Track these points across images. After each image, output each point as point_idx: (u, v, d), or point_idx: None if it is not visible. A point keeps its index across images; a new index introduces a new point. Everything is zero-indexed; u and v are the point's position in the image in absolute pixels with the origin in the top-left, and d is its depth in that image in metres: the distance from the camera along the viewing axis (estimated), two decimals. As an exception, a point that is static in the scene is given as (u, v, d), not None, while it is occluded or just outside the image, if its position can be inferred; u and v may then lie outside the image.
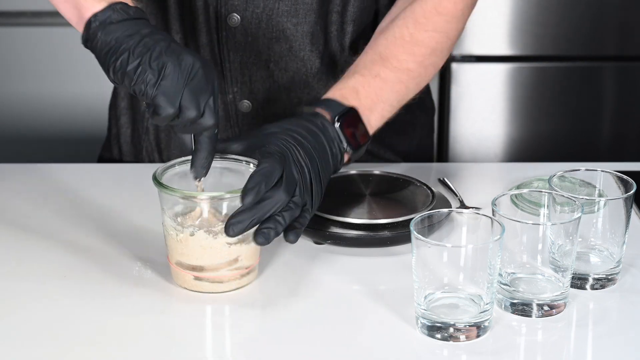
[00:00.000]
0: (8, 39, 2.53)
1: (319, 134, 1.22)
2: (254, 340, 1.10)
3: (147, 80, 1.10)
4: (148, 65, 1.10)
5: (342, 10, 1.46)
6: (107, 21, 1.12)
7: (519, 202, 1.26)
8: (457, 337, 1.08)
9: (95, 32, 1.13)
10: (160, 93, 1.10)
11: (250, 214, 1.11)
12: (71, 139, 2.57)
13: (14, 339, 1.09)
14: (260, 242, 1.11)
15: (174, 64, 1.11)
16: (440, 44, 1.35)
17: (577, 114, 2.45)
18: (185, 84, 1.11)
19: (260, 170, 1.12)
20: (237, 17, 1.43)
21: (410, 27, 1.34)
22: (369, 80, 1.30)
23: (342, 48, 1.48)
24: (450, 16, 1.34)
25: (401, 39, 1.33)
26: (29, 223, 1.33)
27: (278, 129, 1.21)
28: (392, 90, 1.32)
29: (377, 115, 1.30)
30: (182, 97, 1.11)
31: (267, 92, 1.48)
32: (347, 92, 1.29)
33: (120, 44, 1.11)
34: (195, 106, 1.11)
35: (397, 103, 1.33)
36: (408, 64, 1.33)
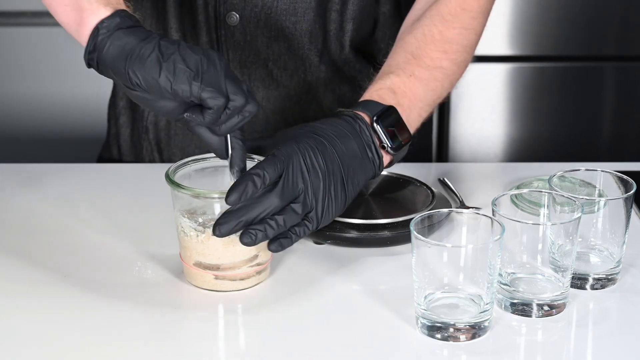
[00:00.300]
0: (8, 39, 2.53)
1: (350, 139, 1.20)
2: (253, 340, 1.10)
3: (188, 76, 1.08)
4: (183, 62, 1.08)
5: (341, 9, 1.46)
6: (116, 27, 1.10)
7: (519, 202, 1.26)
8: (457, 337, 1.08)
9: (105, 40, 1.10)
10: (206, 86, 1.08)
11: (237, 216, 1.10)
12: (71, 139, 2.57)
13: (14, 339, 1.09)
14: (245, 243, 1.11)
15: (205, 58, 1.09)
16: (469, 40, 1.35)
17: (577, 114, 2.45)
18: (224, 74, 1.10)
19: (251, 171, 1.11)
20: (236, 16, 1.43)
21: (439, 25, 1.33)
22: (404, 80, 1.29)
23: (342, 47, 1.48)
24: (476, 12, 1.34)
25: (431, 37, 1.33)
26: (29, 223, 1.33)
27: (305, 131, 1.19)
28: (428, 89, 1.31)
29: (416, 115, 1.29)
30: (227, 86, 1.09)
31: (266, 90, 1.48)
32: (384, 92, 1.27)
33: (139, 49, 1.09)
34: (241, 93, 1.10)
35: (433, 102, 1.33)
36: (441, 62, 1.32)
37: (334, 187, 1.17)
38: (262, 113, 1.49)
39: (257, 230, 1.11)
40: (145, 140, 1.56)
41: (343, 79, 1.50)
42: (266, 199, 1.11)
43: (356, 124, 1.22)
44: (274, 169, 1.12)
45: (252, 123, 1.48)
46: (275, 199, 1.12)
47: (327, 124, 1.21)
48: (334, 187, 1.17)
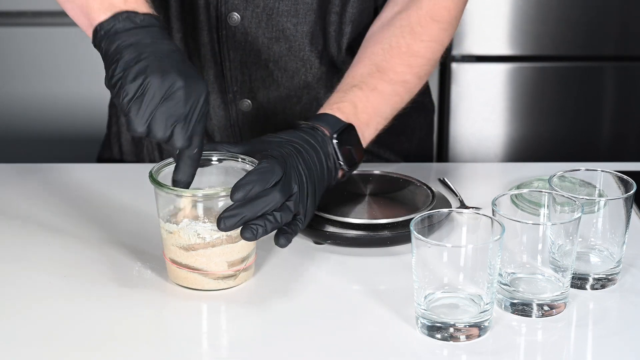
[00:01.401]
0: (8, 39, 2.53)
1: (317, 148, 1.23)
2: (253, 340, 1.10)
3: (124, 95, 1.11)
4: (130, 79, 1.11)
5: (341, 11, 1.46)
6: (112, 31, 1.14)
7: (519, 202, 1.26)
8: (457, 337, 1.08)
9: (100, 42, 1.15)
10: (132, 109, 1.11)
11: (242, 210, 1.11)
12: (71, 139, 2.57)
13: (14, 338, 1.09)
14: (247, 238, 1.12)
15: (155, 81, 1.11)
16: (435, 53, 1.36)
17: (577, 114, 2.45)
18: (158, 104, 1.11)
19: (258, 169, 1.13)
20: (237, 16, 1.43)
21: (407, 37, 1.34)
22: (367, 94, 1.31)
23: (340, 49, 1.48)
24: (446, 23, 1.35)
25: (397, 49, 1.34)
26: (29, 223, 1.33)
27: (277, 138, 1.22)
28: (388, 104, 1.34)
29: (372, 130, 1.32)
30: (152, 117, 1.11)
31: (266, 91, 1.48)
32: (345, 106, 1.30)
33: (115, 54, 1.13)
34: (162, 128, 1.12)
35: (391, 115, 1.36)
36: (405, 76, 1.34)
37: (312, 191, 1.19)
38: (263, 114, 1.49)
39: (257, 225, 1.12)
40: (146, 140, 1.56)
41: None
42: (269, 194, 1.13)
43: (318, 135, 1.25)
44: (280, 169, 1.14)
45: (253, 125, 1.49)
46: (278, 195, 1.13)
47: (295, 134, 1.24)
48: (312, 190, 1.19)
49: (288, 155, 1.18)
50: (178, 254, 1.16)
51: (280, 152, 1.18)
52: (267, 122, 1.49)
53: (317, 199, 1.21)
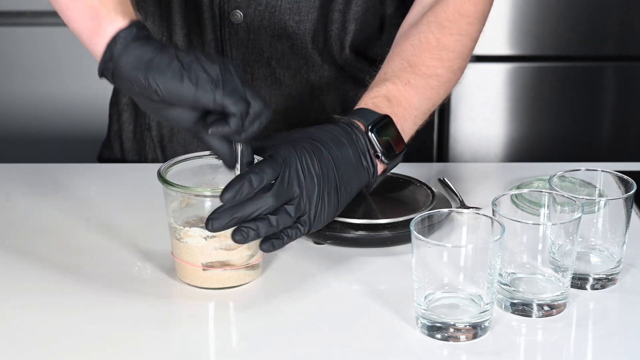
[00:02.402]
0: (8, 39, 2.53)
1: (347, 146, 1.21)
2: (254, 340, 1.10)
3: (211, 85, 1.08)
4: (203, 71, 1.09)
5: (345, 9, 1.46)
6: (134, 38, 1.11)
7: (519, 202, 1.26)
8: (457, 337, 1.08)
9: (122, 50, 1.10)
10: (228, 93, 1.09)
11: (230, 212, 1.10)
12: (71, 139, 2.57)
13: (13, 339, 1.09)
14: (237, 240, 1.11)
15: (223, 66, 1.10)
16: (466, 47, 1.35)
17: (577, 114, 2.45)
18: (241, 82, 1.10)
19: (249, 172, 1.12)
20: (240, 14, 1.43)
21: (436, 31, 1.33)
22: (400, 88, 1.29)
23: (342, 47, 1.48)
24: (473, 17, 1.35)
25: (427, 44, 1.33)
26: (29, 223, 1.33)
27: (302, 135, 1.20)
28: (423, 97, 1.31)
29: (410, 123, 1.30)
30: (246, 93, 1.10)
31: (269, 89, 1.48)
32: (379, 100, 1.27)
33: (158, 59, 1.09)
34: (259, 98, 1.11)
35: (428, 109, 1.33)
36: (437, 70, 1.33)
37: (327, 193, 1.17)
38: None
39: (249, 228, 1.11)
40: (148, 137, 1.56)
41: (346, 79, 1.50)
42: (261, 198, 1.12)
43: (352, 132, 1.22)
44: (272, 171, 1.12)
45: None
46: (270, 199, 1.12)
47: (324, 130, 1.22)
48: (327, 192, 1.17)
49: (297, 156, 1.15)
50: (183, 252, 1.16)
51: (288, 151, 1.16)
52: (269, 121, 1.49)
53: (342, 202, 1.19)
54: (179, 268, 1.19)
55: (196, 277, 1.17)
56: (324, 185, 1.16)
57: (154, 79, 1.09)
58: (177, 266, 1.19)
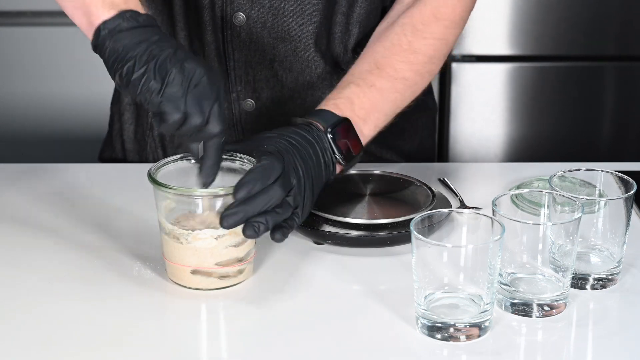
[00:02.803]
0: (8, 39, 2.53)
1: (313, 143, 1.23)
2: (254, 340, 1.10)
3: (152, 88, 1.11)
4: (152, 73, 1.11)
5: (348, 12, 1.46)
6: (117, 29, 1.13)
7: (519, 202, 1.26)
8: (457, 337, 1.08)
9: (104, 40, 1.14)
10: (165, 100, 1.11)
11: (244, 208, 1.11)
12: (71, 139, 2.57)
13: (13, 340, 1.09)
14: (249, 235, 1.11)
15: (178, 71, 1.12)
16: (438, 51, 1.35)
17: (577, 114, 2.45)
18: (189, 90, 1.12)
19: (259, 167, 1.13)
20: (243, 16, 1.43)
21: (409, 34, 1.34)
22: (364, 90, 1.31)
23: (346, 50, 1.48)
24: (449, 21, 1.35)
25: (399, 46, 1.34)
26: (29, 223, 1.33)
27: (274, 134, 1.22)
28: (387, 100, 1.33)
29: (371, 126, 1.31)
30: (187, 103, 1.11)
31: (270, 91, 1.48)
32: (341, 102, 1.29)
33: (127, 52, 1.12)
34: (199, 112, 1.12)
35: (392, 112, 1.34)
36: (404, 73, 1.34)
37: (309, 186, 1.19)
38: (266, 114, 1.49)
39: (259, 222, 1.12)
40: (149, 137, 1.56)
41: None
42: (271, 191, 1.13)
43: (313, 131, 1.24)
44: (280, 165, 1.14)
45: (256, 125, 1.49)
46: (280, 190, 1.13)
47: (290, 130, 1.23)
48: (309, 185, 1.19)
49: (285, 150, 1.18)
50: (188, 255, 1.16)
51: (277, 147, 1.18)
52: (270, 122, 1.49)
53: (315, 195, 1.21)
54: (180, 272, 1.18)
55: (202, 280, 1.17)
56: (306, 179, 1.18)
57: (118, 72, 1.12)
58: (177, 271, 1.18)
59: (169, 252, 1.17)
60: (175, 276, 1.18)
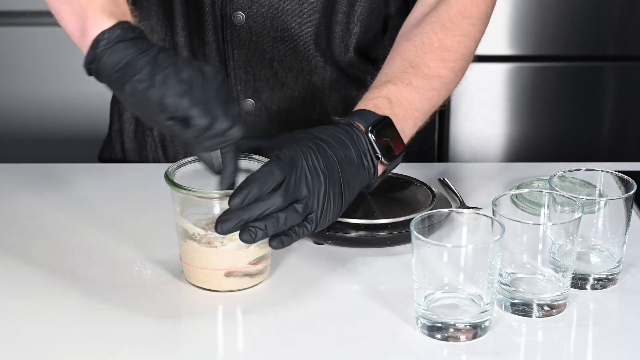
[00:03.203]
0: (8, 39, 2.53)
1: (349, 146, 1.21)
2: (254, 340, 1.10)
3: (180, 91, 1.08)
4: (176, 76, 1.09)
5: (349, 11, 1.45)
6: (117, 39, 1.10)
7: (519, 202, 1.26)
8: (457, 337, 1.08)
9: (104, 51, 1.10)
10: (194, 103, 1.08)
11: (239, 213, 1.10)
12: (71, 139, 2.57)
13: (13, 340, 1.09)
14: (245, 240, 1.11)
15: (200, 76, 1.10)
16: (468, 48, 1.35)
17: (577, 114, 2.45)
18: (214, 95, 1.10)
19: (256, 174, 1.12)
20: (242, 16, 1.43)
21: (438, 32, 1.33)
22: (401, 89, 1.29)
23: (347, 49, 1.48)
24: (475, 19, 1.35)
25: (430, 45, 1.33)
26: (29, 223, 1.33)
27: (306, 135, 1.20)
28: (425, 98, 1.31)
29: (411, 125, 1.29)
30: (214, 107, 1.09)
31: (270, 91, 1.48)
32: (380, 102, 1.27)
33: (135, 61, 1.09)
34: (225, 115, 1.10)
35: (429, 110, 1.33)
36: (439, 71, 1.33)
37: (332, 191, 1.17)
38: (266, 114, 1.49)
39: (257, 228, 1.11)
40: (149, 137, 1.56)
41: (348, 80, 1.50)
42: (269, 198, 1.11)
43: (353, 132, 1.22)
44: (279, 172, 1.13)
45: (255, 124, 1.48)
46: (278, 199, 1.12)
47: (326, 130, 1.22)
48: (332, 190, 1.17)
49: (304, 155, 1.15)
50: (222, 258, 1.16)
51: (295, 151, 1.15)
52: (270, 122, 1.49)
53: (346, 200, 1.19)
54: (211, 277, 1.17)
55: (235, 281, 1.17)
56: (329, 184, 1.16)
57: (130, 80, 1.09)
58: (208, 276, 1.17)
59: (197, 259, 1.16)
60: (204, 282, 1.17)
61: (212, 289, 1.17)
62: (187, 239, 1.16)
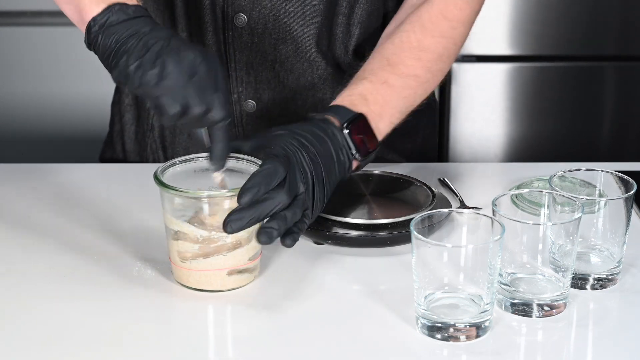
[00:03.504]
0: (8, 39, 2.53)
1: (326, 141, 1.22)
2: (254, 340, 1.10)
3: (149, 81, 1.10)
4: (149, 65, 1.10)
5: (349, 13, 1.46)
6: (107, 24, 1.13)
7: (519, 202, 1.26)
8: (457, 337, 1.08)
9: (96, 36, 1.13)
10: (163, 92, 1.10)
11: (249, 212, 1.10)
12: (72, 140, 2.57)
13: (13, 340, 1.09)
14: (263, 242, 1.11)
15: (175, 62, 1.10)
16: (447, 49, 1.35)
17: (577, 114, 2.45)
18: (188, 80, 1.11)
19: (262, 171, 1.12)
20: (244, 17, 1.43)
21: (417, 32, 1.34)
22: (377, 86, 1.30)
23: (347, 51, 1.48)
24: (457, 21, 1.35)
25: (408, 44, 1.33)
26: (30, 223, 1.33)
27: (285, 132, 1.21)
28: (400, 97, 1.32)
29: (386, 122, 1.30)
30: (186, 94, 1.10)
31: (272, 92, 1.48)
32: (356, 98, 1.28)
33: (120, 46, 1.11)
34: (200, 101, 1.11)
35: (406, 109, 1.33)
36: (416, 70, 1.33)
37: (319, 186, 1.18)
38: (267, 115, 1.49)
39: (272, 228, 1.11)
40: (150, 138, 1.56)
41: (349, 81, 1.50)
42: (276, 195, 1.12)
43: (328, 128, 1.23)
44: (283, 168, 1.13)
45: (257, 126, 1.48)
46: (284, 195, 1.12)
47: (303, 127, 1.22)
48: (319, 185, 1.18)
49: (292, 152, 1.17)
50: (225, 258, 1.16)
51: (284, 149, 1.17)
52: (271, 123, 1.49)
53: (327, 195, 1.20)
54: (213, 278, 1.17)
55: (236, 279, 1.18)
56: (316, 179, 1.18)
57: (114, 67, 1.11)
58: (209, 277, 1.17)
59: (199, 261, 1.16)
60: (205, 283, 1.17)
61: (214, 290, 1.17)
62: (183, 241, 1.16)
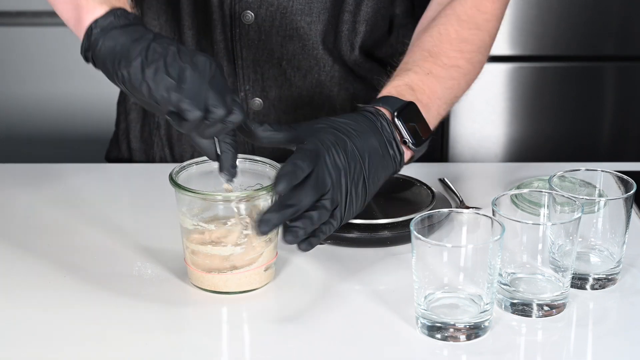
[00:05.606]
0: (8, 39, 2.53)
1: (371, 135, 1.19)
2: (252, 340, 1.10)
3: (168, 86, 1.07)
4: (165, 70, 1.07)
5: (355, 10, 1.46)
6: (110, 27, 1.10)
7: (519, 202, 1.26)
8: (457, 337, 1.08)
9: (97, 39, 1.10)
10: (184, 97, 1.07)
11: (278, 213, 1.08)
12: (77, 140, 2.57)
13: (15, 338, 1.09)
14: (289, 241, 1.09)
15: (191, 66, 1.08)
16: (483, 41, 1.35)
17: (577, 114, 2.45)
18: (208, 84, 1.08)
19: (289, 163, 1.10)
20: (251, 15, 1.43)
21: (455, 24, 1.33)
22: (422, 77, 1.28)
23: (352, 48, 1.48)
24: (490, 14, 1.35)
25: (447, 35, 1.33)
26: (35, 223, 1.34)
27: (326, 126, 1.17)
28: (445, 87, 1.31)
29: (434, 113, 1.29)
30: (207, 98, 1.08)
31: (279, 90, 1.48)
32: (403, 89, 1.26)
33: (127, 50, 1.08)
34: (222, 104, 1.08)
35: (450, 100, 1.32)
36: (458, 61, 1.32)
37: (354, 184, 1.15)
38: (274, 113, 1.49)
39: (297, 227, 1.09)
40: (156, 136, 1.56)
41: (356, 79, 1.50)
42: (302, 193, 1.09)
43: (377, 120, 1.21)
44: (309, 163, 1.10)
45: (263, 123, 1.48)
46: (310, 192, 1.10)
47: (347, 119, 1.19)
48: (354, 184, 1.15)
49: (325, 148, 1.13)
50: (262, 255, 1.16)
51: (316, 144, 1.13)
52: (277, 121, 1.49)
53: (368, 194, 1.17)
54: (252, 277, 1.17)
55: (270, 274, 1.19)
56: (350, 177, 1.14)
57: (121, 72, 1.08)
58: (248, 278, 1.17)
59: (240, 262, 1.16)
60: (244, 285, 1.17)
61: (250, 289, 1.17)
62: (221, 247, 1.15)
